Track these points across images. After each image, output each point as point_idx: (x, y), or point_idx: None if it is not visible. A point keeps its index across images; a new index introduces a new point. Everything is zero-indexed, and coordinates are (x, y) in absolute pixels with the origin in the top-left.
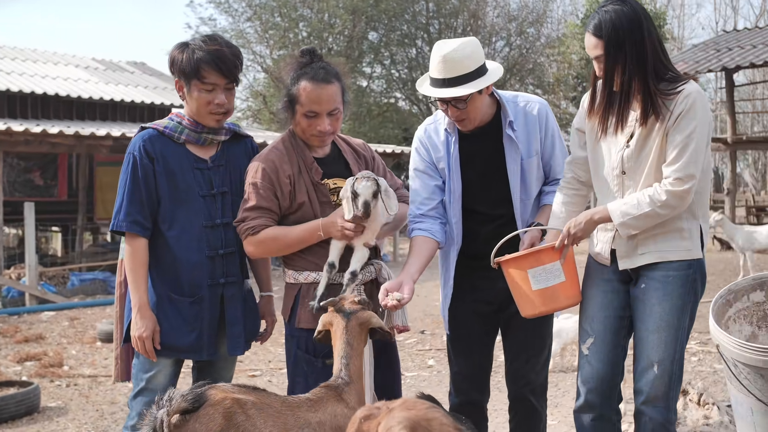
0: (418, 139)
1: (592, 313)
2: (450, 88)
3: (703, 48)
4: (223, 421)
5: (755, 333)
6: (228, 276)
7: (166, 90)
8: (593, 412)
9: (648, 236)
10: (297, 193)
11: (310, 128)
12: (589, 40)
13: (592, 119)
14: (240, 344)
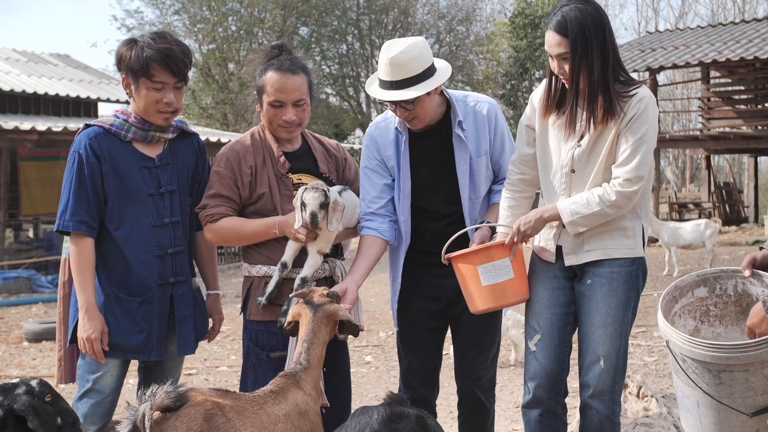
0: (369, 137)
1: (538, 310)
2: (397, 91)
3: (628, 48)
4: (204, 422)
5: (698, 327)
6: (178, 275)
7: (92, 83)
8: (541, 407)
9: (594, 234)
10: (258, 184)
11: (276, 118)
12: (553, 38)
13: (546, 117)
14: (190, 343)
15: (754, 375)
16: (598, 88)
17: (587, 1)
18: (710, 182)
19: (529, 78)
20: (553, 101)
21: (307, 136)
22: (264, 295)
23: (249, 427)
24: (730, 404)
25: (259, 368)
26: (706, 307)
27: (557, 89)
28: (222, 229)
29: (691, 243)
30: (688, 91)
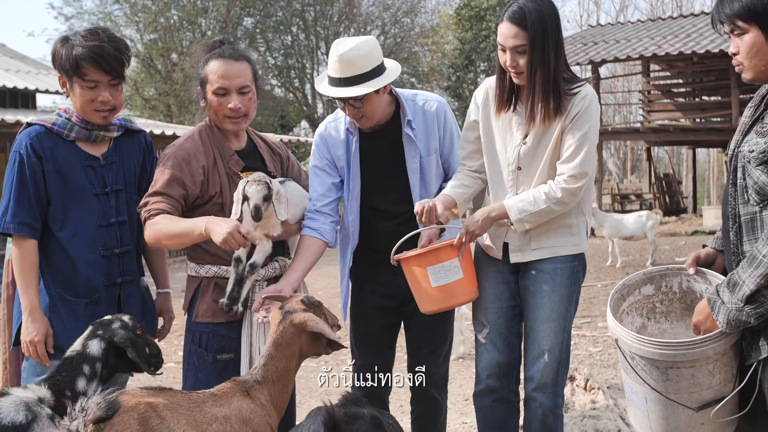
0: (319, 137)
1: (485, 305)
2: (346, 88)
3: (571, 41)
4: (139, 426)
5: (645, 324)
6: (125, 275)
7: (30, 74)
8: (493, 395)
9: (540, 232)
10: (210, 184)
11: (221, 108)
12: (509, 29)
13: (499, 113)
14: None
15: (699, 371)
16: (551, 85)
17: None
18: (651, 174)
19: (474, 70)
20: (502, 97)
21: (252, 135)
22: (225, 295)
23: (183, 425)
24: (677, 399)
25: (202, 370)
26: (652, 305)
27: (507, 84)
28: (154, 227)
29: (633, 234)
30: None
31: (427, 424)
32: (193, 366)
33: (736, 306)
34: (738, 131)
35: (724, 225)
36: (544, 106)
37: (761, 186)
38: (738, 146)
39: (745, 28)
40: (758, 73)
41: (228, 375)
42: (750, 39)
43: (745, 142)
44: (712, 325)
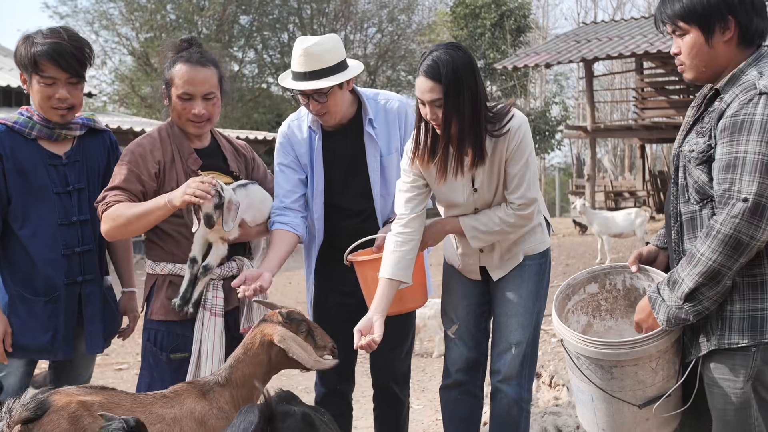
0: (282, 135)
1: (455, 302)
2: (310, 81)
3: (564, 39)
4: (69, 426)
5: (590, 322)
6: (86, 274)
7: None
8: (460, 388)
9: (511, 245)
10: (167, 180)
11: (185, 112)
12: (425, 83)
13: (427, 166)
14: (98, 343)
15: (642, 369)
16: (468, 134)
17: (457, 46)
18: (644, 171)
19: None
20: (426, 149)
21: (216, 135)
22: (178, 295)
23: None
24: (621, 397)
25: (157, 369)
26: (597, 303)
27: (429, 136)
28: (113, 215)
29: (622, 231)
30: (627, 81)
31: (390, 421)
32: (149, 364)
33: (675, 304)
34: (681, 131)
35: (667, 223)
36: (459, 156)
37: (701, 185)
38: (680, 146)
39: (686, 29)
40: (699, 73)
41: (183, 374)
42: (690, 39)
43: (686, 141)
44: (653, 323)
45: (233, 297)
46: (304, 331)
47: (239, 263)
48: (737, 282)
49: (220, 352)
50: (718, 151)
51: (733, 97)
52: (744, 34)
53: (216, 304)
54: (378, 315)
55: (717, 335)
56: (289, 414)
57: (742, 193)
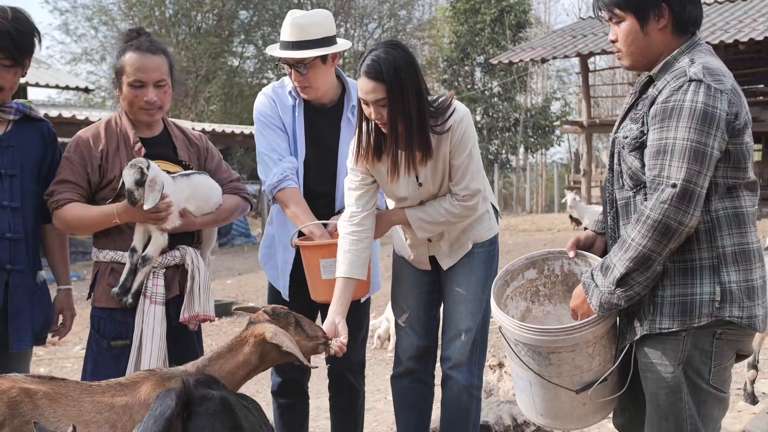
0: (267, 98)
1: (405, 291)
2: (293, 51)
3: (560, 34)
4: (7, 410)
5: (529, 307)
6: (15, 264)
7: None
8: (411, 377)
9: (459, 232)
10: (109, 169)
11: (136, 99)
12: (367, 84)
13: (374, 164)
14: (25, 339)
15: (579, 354)
16: (415, 132)
17: (396, 44)
18: None
19: (470, 63)
20: (370, 148)
21: (168, 123)
22: (118, 284)
23: (60, 415)
24: (559, 383)
25: (99, 356)
26: (536, 288)
27: (373, 135)
28: (65, 217)
29: None
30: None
31: (345, 410)
32: (92, 351)
33: (608, 289)
34: (618, 117)
35: (603, 209)
36: (409, 154)
37: (634, 171)
38: (615, 132)
39: (622, 16)
40: (635, 60)
41: (124, 362)
42: (626, 27)
43: (620, 128)
44: (588, 310)
45: (174, 285)
46: (292, 323)
47: (182, 252)
48: (668, 267)
49: (160, 339)
50: (649, 137)
51: (665, 84)
52: (678, 22)
53: (156, 292)
54: (340, 317)
55: (649, 320)
56: (207, 398)
57: (671, 179)
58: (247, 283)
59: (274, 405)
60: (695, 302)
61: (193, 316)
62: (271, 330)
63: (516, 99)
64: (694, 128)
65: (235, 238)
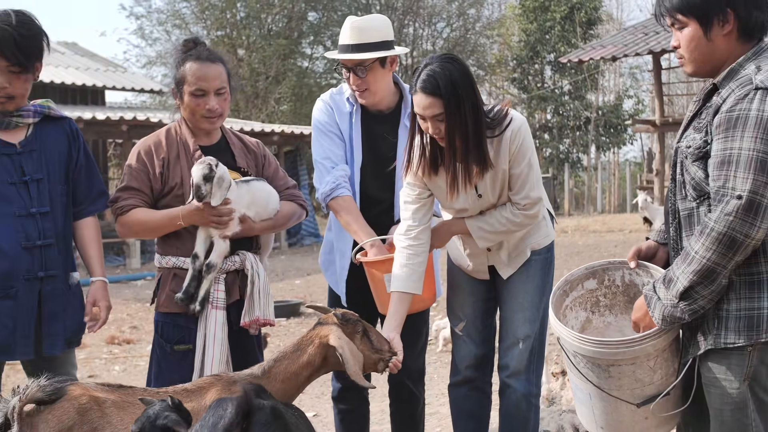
0: (325, 104)
1: (462, 300)
2: (352, 54)
3: (632, 32)
4: (77, 416)
5: (589, 318)
6: (47, 270)
7: (98, 71)
8: (469, 385)
9: (518, 241)
10: (170, 176)
11: (198, 108)
12: (423, 100)
13: (429, 179)
14: (58, 343)
15: (640, 368)
16: (473, 145)
17: (451, 57)
18: None
19: (540, 62)
20: (426, 162)
21: (225, 131)
22: (181, 290)
23: (127, 423)
24: (619, 396)
25: (164, 360)
26: (596, 299)
27: (429, 149)
28: (129, 222)
29: None
30: None
31: (405, 417)
32: (156, 355)
33: (671, 302)
34: (681, 126)
35: (666, 220)
36: (467, 167)
37: (697, 182)
38: (678, 141)
39: (685, 22)
40: (698, 67)
41: (187, 366)
42: (689, 33)
43: (683, 137)
44: (650, 322)
45: (234, 290)
46: (360, 331)
47: (242, 257)
48: (734, 280)
49: (222, 344)
50: (713, 147)
51: (729, 92)
52: (743, 28)
53: (217, 297)
54: (395, 333)
55: (713, 334)
56: (259, 407)
57: (736, 190)
58: (316, 284)
59: (334, 410)
60: (762, 316)
61: (253, 320)
62: (336, 335)
63: (587, 97)
64: (761, 138)
65: (305, 238)
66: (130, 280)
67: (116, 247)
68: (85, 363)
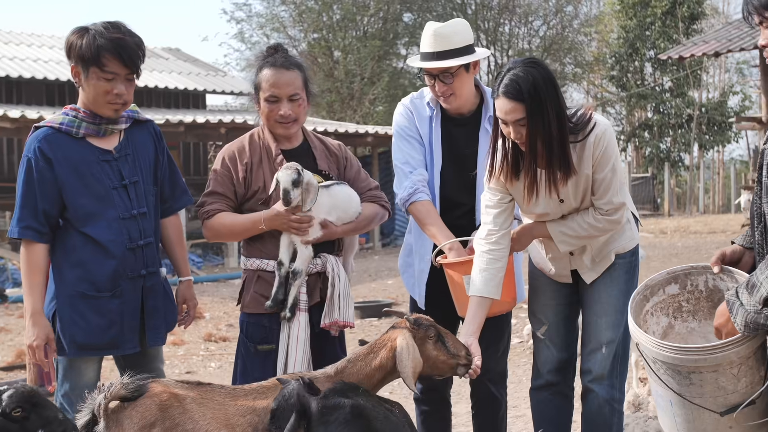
0: (405, 108)
1: (543, 303)
2: (438, 61)
3: (737, 25)
4: (158, 412)
5: (671, 323)
6: (148, 267)
7: (200, 76)
8: (551, 389)
9: (602, 246)
10: (253, 180)
11: (272, 114)
12: (505, 104)
13: (511, 184)
14: (160, 335)
15: (723, 375)
16: (555, 150)
17: (534, 61)
18: None
19: (639, 59)
20: (507, 167)
21: (307, 135)
22: (270, 297)
23: (209, 419)
24: (701, 404)
25: (248, 359)
26: (678, 304)
27: (510, 154)
28: (214, 226)
29: None
30: None
31: (487, 420)
32: (241, 354)
33: (754, 308)
34: None
35: (751, 224)
36: (549, 173)
37: None
38: (765, 143)
39: None
40: None
41: (270, 365)
42: None
43: None
44: (733, 329)
45: (316, 293)
46: (433, 336)
47: (323, 260)
48: None
49: (304, 345)
50: None
51: None
52: None
53: (300, 300)
54: (473, 338)
55: None
56: (339, 406)
57: None
58: None
59: (416, 411)
60: None
61: (333, 322)
62: (402, 340)
63: (689, 94)
64: None
65: (398, 238)
66: (227, 279)
67: (215, 247)
68: (183, 359)
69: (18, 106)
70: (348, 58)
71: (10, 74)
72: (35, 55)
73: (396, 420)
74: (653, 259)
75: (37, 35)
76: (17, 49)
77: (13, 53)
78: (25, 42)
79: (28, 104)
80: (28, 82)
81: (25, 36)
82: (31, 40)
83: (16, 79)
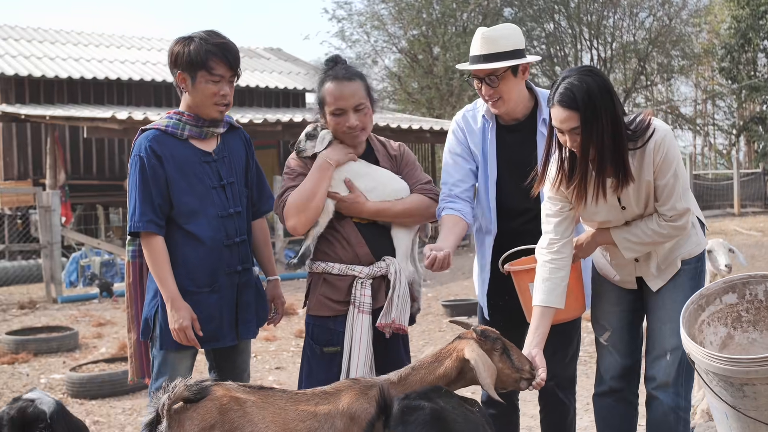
0: (456, 123)
1: (607, 309)
2: (483, 64)
3: None
4: (218, 415)
5: (731, 334)
6: (243, 263)
7: (300, 75)
8: (614, 396)
9: (668, 252)
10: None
11: (339, 126)
12: (561, 113)
13: (570, 192)
14: (252, 329)
15: None
16: (612, 158)
17: (590, 69)
18: None
19: (752, 49)
20: (565, 175)
21: (371, 140)
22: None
23: (268, 422)
24: (756, 417)
25: (313, 361)
26: (737, 313)
27: (568, 162)
28: (289, 206)
29: None
30: None
31: (555, 425)
32: (307, 356)
33: None
34: None
35: None
36: (600, 179)
37: None
38: None
39: None
40: None
41: (335, 367)
42: None
43: None
44: None
45: (380, 295)
46: (499, 349)
47: (387, 263)
48: None
49: (367, 347)
50: None
51: None
52: None
53: (363, 302)
54: (537, 349)
55: None
56: (419, 408)
57: None
58: None
59: None
60: None
61: (388, 323)
62: (472, 351)
63: None
64: None
65: None
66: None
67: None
68: (274, 355)
69: (126, 108)
70: (447, 54)
71: (121, 77)
72: (144, 58)
73: (475, 419)
74: (758, 258)
75: (147, 39)
76: (128, 52)
77: (125, 57)
78: (136, 45)
79: (137, 105)
80: (138, 84)
81: (135, 40)
82: (141, 44)
83: (126, 81)
